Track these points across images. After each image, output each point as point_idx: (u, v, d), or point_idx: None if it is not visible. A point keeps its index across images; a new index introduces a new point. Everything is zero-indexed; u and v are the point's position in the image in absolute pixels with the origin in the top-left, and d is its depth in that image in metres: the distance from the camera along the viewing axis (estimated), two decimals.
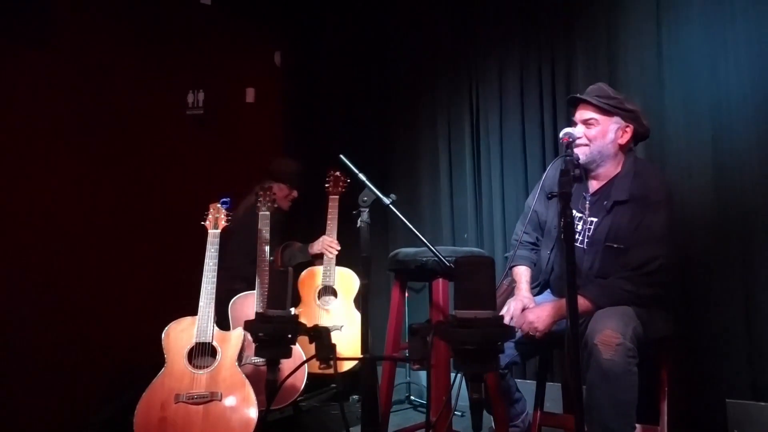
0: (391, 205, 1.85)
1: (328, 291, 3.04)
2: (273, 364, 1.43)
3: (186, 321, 2.41)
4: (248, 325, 1.42)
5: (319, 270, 3.06)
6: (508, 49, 3.14)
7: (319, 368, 2.52)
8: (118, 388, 2.68)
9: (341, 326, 2.94)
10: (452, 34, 3.37)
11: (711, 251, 2.46)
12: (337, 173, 3.11)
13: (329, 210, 3.08)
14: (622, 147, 2.09)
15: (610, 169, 2.08)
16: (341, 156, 1.88)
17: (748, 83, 2.41)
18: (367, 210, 1.80)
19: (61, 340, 2.72)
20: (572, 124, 2.13)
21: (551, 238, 2.16)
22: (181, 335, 2.38)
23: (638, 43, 2.71)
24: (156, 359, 2.34)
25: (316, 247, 3.07)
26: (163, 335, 2.37)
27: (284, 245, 3.13)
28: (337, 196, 3.07)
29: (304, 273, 3.09)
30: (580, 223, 2.07)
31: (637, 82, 2.70)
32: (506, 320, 2.04)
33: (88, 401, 2.75)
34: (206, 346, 2.38)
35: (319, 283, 3.03)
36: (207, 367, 2.35)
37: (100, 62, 3.02)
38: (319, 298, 3.02)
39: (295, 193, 3.25)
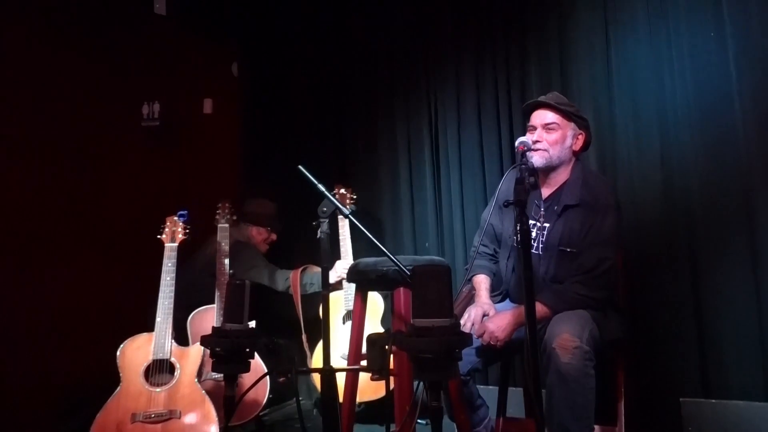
0: (350, 216, 1.86)
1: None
2: (231, 380, 1.40)
3: (142, 338, 2.35)
4: (205, 340, 1.39)
5: (339, 295, 2.91)
6: (464, 61, 3.18)
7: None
8: (70, 409, 2.58)
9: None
10: (409, 44, 3.40)
11: (661, 255, 2.55)
12: (342, 190, 3.01)
13: (340, 231, 2.97)
14: (575, 153, 2.15)
15: (562, 175, 2.14)
16: (300, 167, 1.87)
17: (692, 94, 2.52)
18: (327, 221, 1.81)
19: (7, 359, 2.60)
20: (528, 129, 2.17)
21: (508, 248, 2.20)
22: (137, 352, 2.32)
23: (588, 56, 2.80)
24: (111, 378, 2.27)
25: (332, 275, 2.89)
26: (118, 353, 2.30)
27: (303, 268, 2.99)
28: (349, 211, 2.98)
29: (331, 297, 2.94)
30: (534, 230, 2.11)
31: (588, 92, 2.79)
32: (467, 327, 2.06)
33: (38, 424, 2.63)
34: (164, 362, 2.33)
35: (341, 308, 2.91)
36: (165, 384, 2.29)
37: (51, 72, 2.92)
38: (344, 323, 2.88)
39: (273, 237, 3.22)
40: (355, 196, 3.07)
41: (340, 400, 1.80)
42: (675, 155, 2.55)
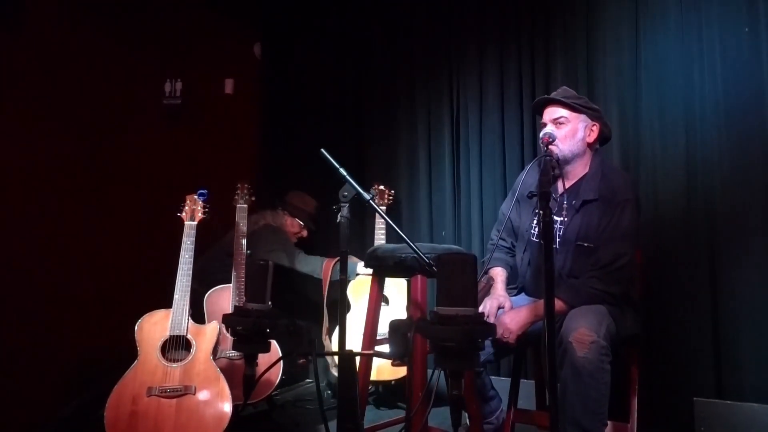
0: (371, 201, 1.86)
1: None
2: (251, 359, 1.41)
3: (159, 313, 2.38)
4: (227, 319, 1.40)
5: (367, 279, 3.01)
6: (488, 49, 3.15)
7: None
8: (88, 380, 2.63)
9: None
10: (433, 30, 3.37)
11: (680, 253, 2.52)
12: (381, 186, 3.14)
13: (377, 226, 3.05)
14: (590, 146, 2.14)
15: (578, 169, 2.12)
16: (322, 150, 1.87)
17: (721, 90, 2.48)
18: (348, 205, 1.80)
19: (29, 331, 2.65)
20: (540, 127, 2.16)
21: (524, 241, 2.19)
22: (154, 328, 2.35)
23: (616, 48, 2.76)
24: (128, 352, 2.30)
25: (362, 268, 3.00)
26: (136, 328, 2.33)
27: (338, 259, 3.05)
28: (384, 208, 3.06)
29: (353, 283, 3.02)
30: None
31: (614, 85, 2.75)
32: None
33: (56, 394, 2.68)
34: (180, 339, 2.35)
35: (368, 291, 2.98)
36: (181, 360, 2.32)
37: (75, 47, 2.94)
38: None
39: (305, 233, 3.27)
40: (393, 192, 3.17)
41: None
42: (700, 153, 2.52)
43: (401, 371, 2.82)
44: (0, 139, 2.64)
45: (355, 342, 2.80)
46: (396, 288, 2.94)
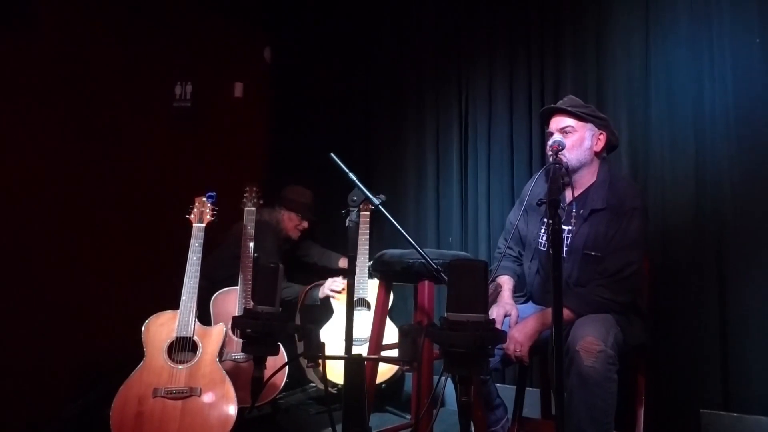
0: (380, 206, 1.86)
1: (360, 303, 3.00)
2: (260, 361, 1.41)
3: (166, 315, 2.39)
4: (236, 321, 1.41)
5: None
6: (498, 56, 3.15)
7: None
8: (94, 380, 2.63)
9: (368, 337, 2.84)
10: (441, 36, 3.37)
11: (688, 262, 2.51)
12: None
13: (361, 230, 3.06)
14: (597, 154, 2.14)
15: (586, 178, 2.12)
16: (331, 155, 1.87)
17: (731, 100, 2.47)
18: (356, 210, 1.81)
19: (36, 330, 2.65)
20: (547, 136, 2.16)
21: (532, 250, 2.19)
22: (160, 329, 2.36)
23: (626, 55, 2.75)
24: (134, 353, 2.31)
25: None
26: (142, 328, 2.34)
27: (313, 285, 3.11)
28: (368, 213, 3.09)
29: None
30: None
31: (623, 94, 2.75)
32: None
33: (62, 393, 2.69)
34: (187, 340, 2.36)
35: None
36: (187, 362, 2.33)
37: (84, 48, 2.95)
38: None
39: (305, 224, 3.27)
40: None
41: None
42: (709, 163, 2.51)
43: (389, 373, 2.81)
44: (9, 139, 2.65)
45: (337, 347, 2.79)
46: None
